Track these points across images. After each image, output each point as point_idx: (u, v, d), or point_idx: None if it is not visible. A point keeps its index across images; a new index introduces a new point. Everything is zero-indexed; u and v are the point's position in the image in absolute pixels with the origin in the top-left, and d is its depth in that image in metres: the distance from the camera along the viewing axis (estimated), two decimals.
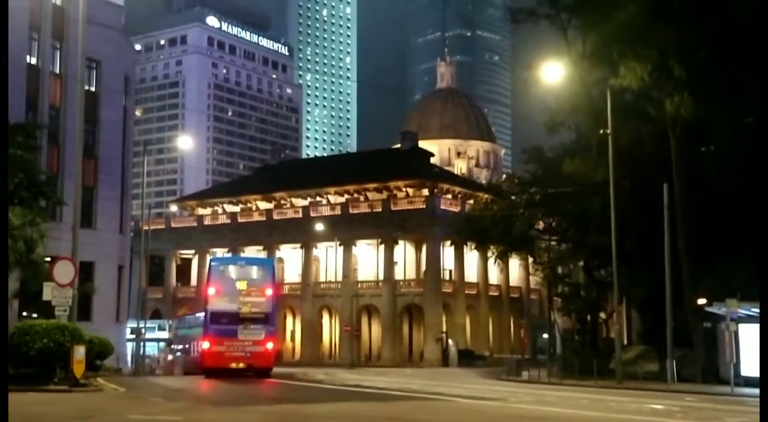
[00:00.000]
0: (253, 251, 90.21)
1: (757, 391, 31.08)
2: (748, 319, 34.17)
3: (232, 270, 35.23)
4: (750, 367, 33.96)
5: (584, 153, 45.00)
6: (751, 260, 40.58)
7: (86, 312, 40.96)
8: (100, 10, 43.59)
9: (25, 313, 37.41)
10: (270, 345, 33.89)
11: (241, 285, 33.74)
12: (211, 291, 34.28)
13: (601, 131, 39.88)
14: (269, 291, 34.43)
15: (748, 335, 34.34)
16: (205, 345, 33.59)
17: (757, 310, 33.95)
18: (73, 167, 34.67)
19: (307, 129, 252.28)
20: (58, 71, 45.76)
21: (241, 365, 32.92)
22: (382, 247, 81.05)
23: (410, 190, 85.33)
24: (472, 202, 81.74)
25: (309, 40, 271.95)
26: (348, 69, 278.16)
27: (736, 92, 36.93)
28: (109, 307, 46.13)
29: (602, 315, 57.04)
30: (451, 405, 22.81)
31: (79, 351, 25.18)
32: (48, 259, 32.87)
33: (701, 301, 38.11)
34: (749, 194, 37.45)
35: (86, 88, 40.43)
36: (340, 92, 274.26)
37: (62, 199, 37.48)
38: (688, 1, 37.35)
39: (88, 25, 30.27)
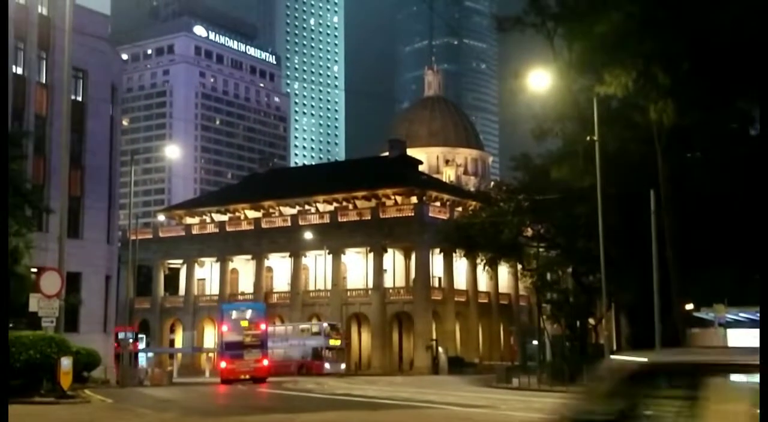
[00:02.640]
0: (241, 260, 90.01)
1: None
2: (736, 324, 34.35)
3: (237, 313, 50.25)
4: None
5: (571, 160, 45.12)
6: (738, 265, 40.85)
7: (73, 323, 40.62)
8: (86, 19, 43.43)
9: (11, 325, 37.08)
10: (265, 362, 48.33)
11: (244, 323, 48.65)
12: (224, 328, 48.91)
13: (588, 138, 40.02)
14: (263, 326, 50.25)
15: (736, 340, 34.49)
16: (223, 364, 47.75)
17: (745, 315, 34.15)
18: (59, 177, 34.52)
19: (295, 137, 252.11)
20: (44, 81, 45.54)
21: (247, 376, 46.06)
22: (371, 255, 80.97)
23: (399, 198, 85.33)
24: (460, 209, 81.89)
25: (296, 49, 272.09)
26: (336, 77, 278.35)
27: (721, 99, 37.18)
28: (96, 318, 45.76)
29: (591, 321, 57.12)
30: (441, 413, 22.76)
31: (66, 363, 25.01)
32: (34, 270, 32.69)
33: (689, 307, 38.25)
34: (738, 199, 37.66)
35: (72, 97, 40.29)
36: (328, 100, 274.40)
37: (49, 207, 37.23)
38: (672, 11, 37.59)
39: (74, 34, 30.20)
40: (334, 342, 71.01)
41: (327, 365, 67.59)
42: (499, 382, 45.23)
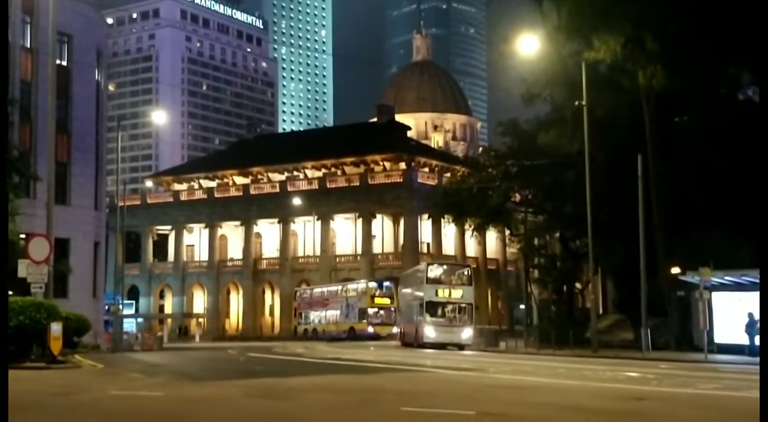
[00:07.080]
0: (230, 226, 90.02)
1: (729, 357, 31.68)
2: (722, 287, 34.69)
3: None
4: (723, 335, 34.54)
5: (559, 125, 45.18)
6: (724, 229, 41.23)
7: (63, 289, 40.62)
8: None
9: None
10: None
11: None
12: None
13: (576, 103, 40.03)
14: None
15: (721, 303, 34.88)
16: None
17: (731, 278, 34.47)
18: (46, 143, 34.26)
19: (283, 103, 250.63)
20: (29, 46, 45.00)
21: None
22: (359, 221, 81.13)
23: (387, 164, 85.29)
24: (449, 175, 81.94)
25: (284, 13, 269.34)
26: (323, 42, 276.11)
27: (710, 64, 37.18)
28: (85, 284, 45.79)
29: (578, 285, 57.65)
30: (431, 376, 23.01)
31: (56, 328, 25.07)
32: (23, 236, 32.57)
33: (675, 270, 38.60)
34: (725, 163, 37.84)
35: (58, 62, 39.82)
36: (316, 66, 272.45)
37: (36, 175, 37.02)
38: None
39: None
40: (443, 294, 46.30)
41: (429, 331, 44.98)
42: (488, 346, 45.68)
